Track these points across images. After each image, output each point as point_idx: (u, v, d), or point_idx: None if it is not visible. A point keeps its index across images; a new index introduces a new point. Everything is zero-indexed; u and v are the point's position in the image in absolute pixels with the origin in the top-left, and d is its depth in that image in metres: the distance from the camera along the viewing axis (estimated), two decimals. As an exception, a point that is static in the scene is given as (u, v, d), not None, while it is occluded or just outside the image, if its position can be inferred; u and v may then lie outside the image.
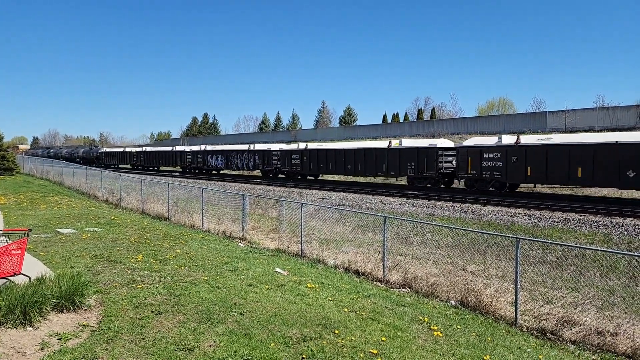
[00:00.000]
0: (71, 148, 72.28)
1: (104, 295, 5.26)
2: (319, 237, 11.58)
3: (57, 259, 6.97)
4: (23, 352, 3.80)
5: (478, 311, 6.61)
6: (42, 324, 4.31)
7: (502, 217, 15.25)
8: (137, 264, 6.88)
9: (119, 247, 8.09)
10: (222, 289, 5.88)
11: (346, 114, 75.11)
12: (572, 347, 5.54)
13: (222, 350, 3.95)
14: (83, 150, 62.77)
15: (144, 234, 9.81)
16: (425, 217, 15.47)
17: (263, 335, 4.40)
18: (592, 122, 34.47)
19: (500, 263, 9.08)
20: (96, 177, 21.58)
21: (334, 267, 8.83)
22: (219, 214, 13.86)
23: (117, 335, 4.16)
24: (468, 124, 44.38)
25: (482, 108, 66.53)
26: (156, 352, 3.86)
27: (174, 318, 4.67)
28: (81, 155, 60.12)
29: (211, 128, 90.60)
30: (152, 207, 15.99)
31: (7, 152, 28.74)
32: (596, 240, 12.05)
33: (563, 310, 6.49)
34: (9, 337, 3.99)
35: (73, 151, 64.56)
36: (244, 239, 11.39)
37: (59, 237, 8.85)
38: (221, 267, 7.19)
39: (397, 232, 9.97)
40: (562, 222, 14.08)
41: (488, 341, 5.22)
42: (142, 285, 5.74)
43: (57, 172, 26.52)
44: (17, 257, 4.94)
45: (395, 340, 4.69)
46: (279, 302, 5.52)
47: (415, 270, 8.16)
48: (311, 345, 4.23)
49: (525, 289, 7.45)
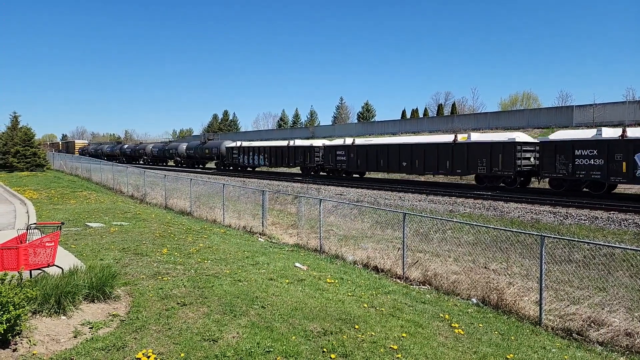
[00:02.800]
0: (143, 145, 58.61)
1: (132, 287, 5.45)
2: (338, 233, 11.62)
3: (87, 251, 7.25)
4: (57, 339, 3.99)
5: (500, 310, 6.52)
6: (75, 313, 4.50)
7: (525, 214, 14.90)
8: (162, 257, 7.08)
9: (144, 240, 8.34)
10: (243, 282, 6.00)
11: (364, 110, 74.59)
12: (600, 348, 5.41)
13: (245, 341, 4.04)
14: (157, 149, 51.63)
15: (168, 228, 10.07)
16: (445, 214, 15.27)
17: (284, 328, 4.47)
18: (621, 116, 33.13)
19: (523, 261, 8.90)
20: (122, 173, 22.24)
21: (353, 263, 8.85)
22: (240, 209, 14.08)
23: (145, 325, 4.32)
24: (490, 119, 43.38)
25: (505, 103, 64.93)
26: (182, 342, 3.99)
27: (199, 310, 4.81)
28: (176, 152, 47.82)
29: (231, 125, 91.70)
30: (175, 202, 16.38)
31: (39, 149, 29.94)
32: (626, 239, 11.63)
33: (590, 310, 6.32)
34: (44, 325, 4.19)
35: (160, 148, 51.55)
36: (264, 234, 11.54)
37: (89, 231, 9.19)
38: (242, 261, 7.33)
39: (416, 229, 9.91)
40: (590, 220, 13.65)
41: (511, 340, 5.15)
42: (168, 278, 5.92)
43: (85, 169, 27.46)
44: (50, 249, 5.16)
45: (416, 337, 4.69)
46: (299, 296, 5.59)
47: (435, 268, 8.09)
48: (331, 339, 4.28)
49: (550, 288, 7.29)
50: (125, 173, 21.71)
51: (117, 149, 60.26)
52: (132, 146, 59.77)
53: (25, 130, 29.32)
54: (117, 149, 59.68)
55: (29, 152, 28.14)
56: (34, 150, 28.62)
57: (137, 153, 55.57)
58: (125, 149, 58.04)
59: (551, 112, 39.48)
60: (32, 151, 28.36)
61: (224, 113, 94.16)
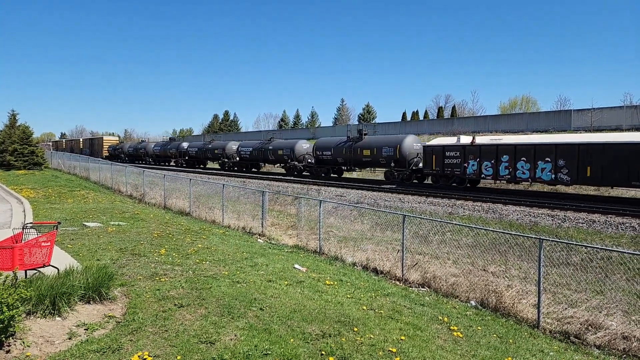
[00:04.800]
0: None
1: (129, 288, 5.41)
2: (337, 234, 11.59)
3: (83, 251, 7.20)
4: (52, 341, 3.94)
5: (499, 312, 6.50)
6: (70, 314, 4.46)
7: (524, 217, 14.89)
8: (160, 258, 7.04)
9: (142, 241, 8.29)
10: (242, 283, 5.96)
11: (365, 112, 74.70)
12: (597, 351, 5.40)
13: (243, 344, 4.00)
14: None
15: (167, 229, 10.02)
16: (445, 216, 15.25)
17: (283, 330, 4.44)
18: (619, 120, 33.27)
19: (522, 264, 8.89)
20: (121, 172, 22.16)
21: (352, 264, 8.82)
22: (239, 210, 14.03)
23: (141, 327, 4.27)
24: (490, 122, 43.57)
25: (504, 106, 65.14)
26: (179, 344, 3.95)
27: (196, 311, 4.77)
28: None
29: (232, 125, 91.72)
30: (174, 202, 16.32)
31: (37, 148, 29.85)
32: (623, 242, 11.63)
33: (588, 313, 6.32)
34: (39, 326, 4.15)
35: (199, 147, 42.13)
36: (263, 235, 11.50)
37: (86, 231, 9.14)
38: (241, 262, 7.29)
39: (416, 231, 9.88)
40: (587, 223, 13.65)
41: (509, 343, 5.13)
42: (165, 279, 5.88)
43: (84, 168, 27.36)
44: (46, 249, 5.11)
45: (415, 340, 4.66)
46: (298, 298, 5.56)
47: (434, 270, 8.07)
48: (330, 342, 4.25)
49: (548, 291, 7.28)
50: (124, 172, 21.64)
51: (172, 147, 47.26)
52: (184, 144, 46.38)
53: (24, 128, 29.22)
54: (173, 148, 46.94)
55: (26, 151, 28.05)
56: (31, 148, 28.53)
57: (179, 152, 45.11)
58: (188, 149, 44.61)
59: (550, 116, 39.64)
60: (30, 149, 28.27)
61: (225, 113, 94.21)
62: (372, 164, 26.25)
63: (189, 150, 44.17)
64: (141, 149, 52.68)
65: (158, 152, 49.62)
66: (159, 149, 49.84)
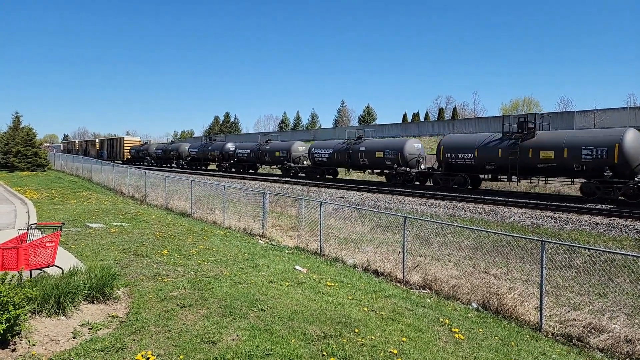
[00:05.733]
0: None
1: (132, 288, 5.44)
2: (338, 236, 11.60)
3: (87, 252, 7.24)
4: (57, 340, 3.98)
5: (501, 315, 6.50)
6: (75, 313, 4.49)
7: (526, 219, 14.87)
8: (163, 259, 7.07)
9: (145, 241, 8.33)
10: (243, 284, 5.98)
11: (365, 113, 74.70)
12: (600, 354, 5.39)
13: (245, 344, 4.03)
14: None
15: (169, 230, 10.07)
16: (446, 218, 15.25)
17: (284, 331, 4.46)
18: (622, 122, 33.14)
19: (524, 266, 8.88)
20: (123, 174, 22.25)
21: (353, 266, 8.84)
22: (240, 211, 14.07)
23: (144, 327, 4.30)
24: (491, 123, 43.44)
25: (506, 107, 64.98)
26: (181, 343, 3.98)
27: (198, 311, 4.79)
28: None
29: (232, 127, 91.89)
30: (176, 203, 16.38)
31: (40, 149, 29.99)
32: (626, 245, 11.61)
33: (591, 316, 6.30)
34: (44, 325, 4.18)
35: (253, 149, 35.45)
36: (264, 236, 11.53)
37: (89, 231, 9.19)
38: (242, 263, 7.32)
39: (417, 233, 9.89)
40: (590, 225, 13.62)
41: (511, 346, 5.13)
42: (168, 279, 5.91)
43: (87, 169, 27.48)
44: (50, 249, 5.15)
45: (416, 341, 4.67)
46: (299, 299, 5.58)
47: (435, 272, 8.08)
48: (331, 343, 4.27)
49: (551, 293, 7.27)
50: (126, 174, 21.72)
51: (210, 148, 42.51)
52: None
53: (27, 130, 29.38)
54: (209, 149, 42.42)
55: (30, 152, 28.19)
56: (35, 150, 28.68)
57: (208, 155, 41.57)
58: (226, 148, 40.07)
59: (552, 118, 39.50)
60: (33, 151, 28.42)
61: (225, 115, 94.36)
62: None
63: (199, 152, 41.93)
64: (172, 150, 46.47)
65: (195, 154, 43.96)
66: (195, 150, 43.92)
